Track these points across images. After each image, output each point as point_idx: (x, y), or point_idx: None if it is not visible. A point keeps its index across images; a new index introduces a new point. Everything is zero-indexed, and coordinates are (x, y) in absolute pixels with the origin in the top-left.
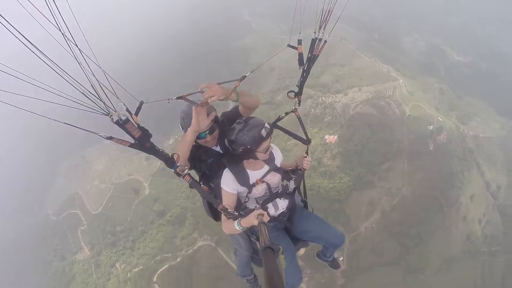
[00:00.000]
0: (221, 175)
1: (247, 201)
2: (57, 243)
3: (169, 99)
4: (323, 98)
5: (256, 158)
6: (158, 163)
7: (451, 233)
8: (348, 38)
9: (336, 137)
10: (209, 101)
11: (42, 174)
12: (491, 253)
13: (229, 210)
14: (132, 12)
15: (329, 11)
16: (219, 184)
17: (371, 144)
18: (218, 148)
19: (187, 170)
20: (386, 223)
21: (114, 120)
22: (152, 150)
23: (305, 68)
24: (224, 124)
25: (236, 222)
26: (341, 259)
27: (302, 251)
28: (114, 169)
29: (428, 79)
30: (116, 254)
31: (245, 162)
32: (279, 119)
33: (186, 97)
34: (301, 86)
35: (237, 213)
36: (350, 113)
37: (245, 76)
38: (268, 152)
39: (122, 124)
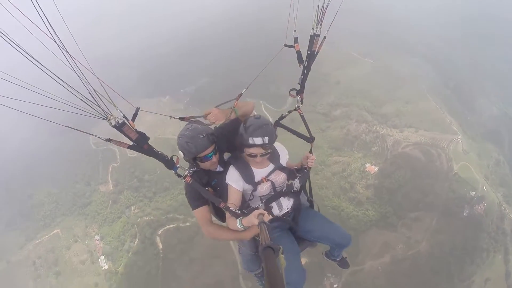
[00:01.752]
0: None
1: (252, 199)
2: (87, 169)
3: (171, 117)
4: (378, 128)
5: (256, 160)
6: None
7: None
8: (422, 76)
9: (377, 168)
10: (213, 121)
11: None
12: None
13: (231, 208)
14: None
15: (323, 6)
16: (223, 188)
17: (408, 187)
18: (219, 168)
19: (187, 172)
20: (393, 271)
21: (112, 124)
22: (151, 152)
23: (305, 65)
24: (220, 138)
25: (238, 220)
26: (335, 286)
27: (303, 261)
28: (161, 124)
29: (488, 145)
30: (135, 198)
31: (250, 160)
32: (282, 117)
33: (190, 119)
34: (302, 84)
35: (239, 212)
36: (399, 150)
37: (241, 94)
38: (264, 157)
39: (119, 127)
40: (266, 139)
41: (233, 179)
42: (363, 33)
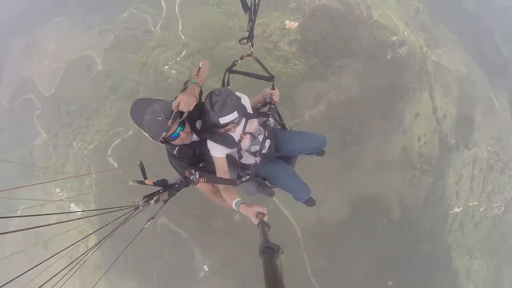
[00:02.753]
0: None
1: (242, 157)
2: (13, 131)
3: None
4: None
5: (231, 130)
6: (111, 36)
7: (389, 141)
8: None
9: (296, 24)
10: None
11: None
12: (422, 171)
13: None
14: None
15: None
16: (207, 155)
17: (330, 38)
18: (195, 137)
19: (197, 175)
20: (330, 116)
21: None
22: (174, 189)
23: (251, 12)
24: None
25: (235, 202)
26: None
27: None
28: (65, 46)
29: None
30: (72, 133)
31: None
32: (233, 65)
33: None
34: (251, 30)
35: (237, 177)
36: (316, 3)
37: (199, 68)
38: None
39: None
40: (236, 113)
41: (217, 151)
42: None
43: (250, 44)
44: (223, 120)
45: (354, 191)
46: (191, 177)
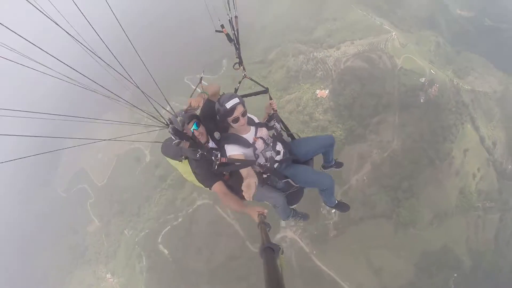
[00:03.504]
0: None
1: (258, 158)
2: (68, 218)
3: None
4: (315, 54)
5: (241, 123)
6: (157, 130)
7: (443, 187)
8: None
9: (327, 91)
10: (196, 105)
11: (47, 155)
12: (485, 209)
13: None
14: None
15: None
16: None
17: (362, 97)
18: (212, 144)
19: (219, 154)
20: (377, 176)
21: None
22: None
23: (235, 42)
24: (206, 119)
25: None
26: (333, 211)
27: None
28: (115, 141)
29: (425, 32)
30: (123, 221)
31: (237, 128)
32: (236, 90)
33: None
34: (239, 57)
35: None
36: (341, 67)
37: (201, 78)
38: (246, 116)
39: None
40: (237, 98)
41: (234, 150)
42: None
43: (242, 67)
44: (228, 105)
45: (416, 249)
46: (214, 156)
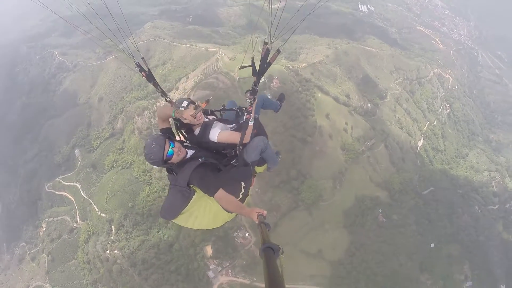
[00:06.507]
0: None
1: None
2: None
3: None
4: (157, 104)
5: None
6: (45, 256)
7: (326, 154)
8: (162, 35)
9: None
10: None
11: None
12: (370, 148)
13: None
14: None
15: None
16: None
17: None
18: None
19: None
20: (266, 181)
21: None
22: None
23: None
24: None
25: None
26: (247, 234)
27: None
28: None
29: (247, 37)
30: None
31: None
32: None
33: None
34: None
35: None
36: None
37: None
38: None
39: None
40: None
41: (224, 126)
42: None
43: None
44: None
45: (336, 214)
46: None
